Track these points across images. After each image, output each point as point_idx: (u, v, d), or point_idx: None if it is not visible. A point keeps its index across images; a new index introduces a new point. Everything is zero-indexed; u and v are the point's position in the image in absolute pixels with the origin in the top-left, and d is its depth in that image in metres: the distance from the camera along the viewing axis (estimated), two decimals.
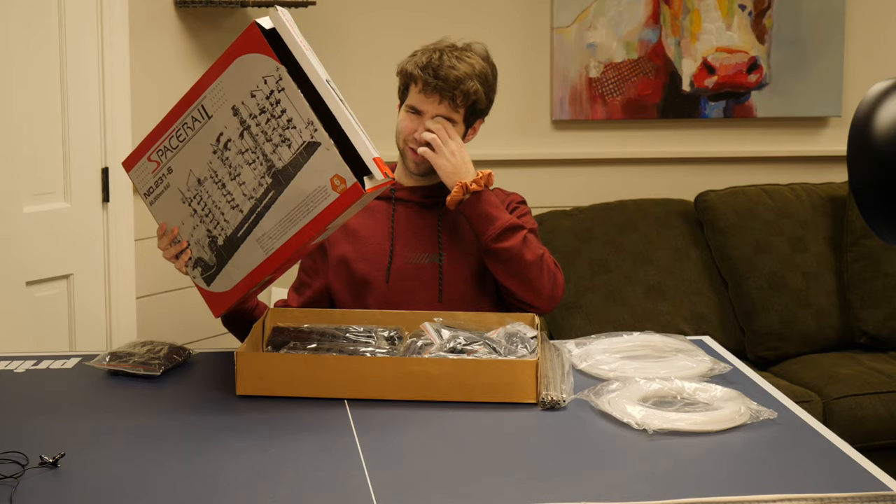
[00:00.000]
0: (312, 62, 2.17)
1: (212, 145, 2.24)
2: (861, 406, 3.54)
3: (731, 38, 4.20)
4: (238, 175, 2.22)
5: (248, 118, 2.19)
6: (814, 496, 1.70)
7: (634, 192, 4.16)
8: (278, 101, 2.15)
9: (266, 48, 2.15)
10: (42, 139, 3.11)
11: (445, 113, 2.60)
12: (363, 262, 2.64)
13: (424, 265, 2.63)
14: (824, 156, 4.29)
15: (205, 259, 2.31)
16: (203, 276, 2.32)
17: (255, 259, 2.25)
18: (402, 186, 2.69)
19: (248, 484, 1.78)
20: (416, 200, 2.67)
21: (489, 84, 2.65)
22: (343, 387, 2.14)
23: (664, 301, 3.87)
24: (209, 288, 2.33)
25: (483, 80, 2.63)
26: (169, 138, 2.28)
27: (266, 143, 2.18)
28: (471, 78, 2.59)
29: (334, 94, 2.16)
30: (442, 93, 2.59)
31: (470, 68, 2.60)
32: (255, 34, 2.16)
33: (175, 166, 2.29)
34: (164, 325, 3.51)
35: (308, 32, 4.04)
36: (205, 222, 2.29)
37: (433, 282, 2.61)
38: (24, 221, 3.07)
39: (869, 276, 3.96)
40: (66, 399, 2.22)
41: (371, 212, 2.68)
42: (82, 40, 3.19)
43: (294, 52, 2.16)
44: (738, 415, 2.00)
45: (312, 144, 2.14)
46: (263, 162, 2.19)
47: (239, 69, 2.18)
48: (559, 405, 2.09)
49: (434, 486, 1.77)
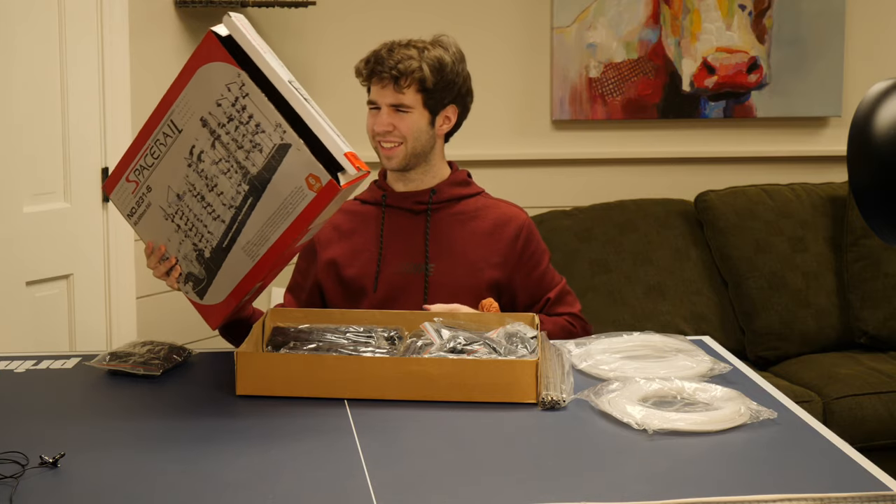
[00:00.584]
0: (272, 64, 2.15)
1: (186, 159, 2.22)
2: (861, 406, 3.54)
3: (731, 38, 4.20)
4: (215, 186, 2.21)
5: (217, 128, 2.18)
6: (814, 496, 1.70)
7: (634, 192, 4.16)
8: (244, 107, 2.14)
9: (225, 55, 2.14)
10: (42, 139, 3.12)
11: (393, 99, 2.57)
12: (352, 268, 2.64)
13: (411, 274, 2.62)
14: (824, 156, 4.29)
15: (195, 273, 2.30)
16: (195, 291, 2.32)
17: (243, 267, 2.24)
18: (393, 192, 2.68)
19: (248, 484, 1.78)
20: (406, 207, 2.65)
21: (444, 67, 2.59)
22: (343, 387, 2.14)
23: (664, 301, 3.87)
24: (202, 301, 2.32)
25: (435, 63, 2.57)
26: (143, 156, 2.27)
27: (238, 150, 2.17)
28: (412, 58, 2.56)
29: (298, 94, 2.14)
30: (383, 77, 2.57)
31: (415, 52, 2.57)
32: (213, 43, 2.15)
33: (153, 184, 2.28)
34: (164, 325, 3.51)
35: (308, 32, 4.06)
36: (189, 236, 2.28)
37: (419, 292, 2.60)
38: (24, 221, 3.07)
39: (869, 276, 3.96)
40: (66, 399, 2.22)
41: (362, 216, 2.67)
42: (82, 40, 3.19)
43: (252, 56, 2.14)
44: (738, 415, 2.00)
45: (283, 146, 2.12)
46: (238, 170, 2.18)
47: (202, 80, 2.17)
48: (559, 405, 2.09)
49: (434, 486, 1.77)
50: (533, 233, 2.68)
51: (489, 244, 2.63)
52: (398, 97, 2.57)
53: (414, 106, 2.58)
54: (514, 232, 2.65)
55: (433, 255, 2.62)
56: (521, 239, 2.65)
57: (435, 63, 2.58)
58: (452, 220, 2.65)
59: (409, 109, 2.58)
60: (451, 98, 2.63)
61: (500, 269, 2.62)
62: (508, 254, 2.63)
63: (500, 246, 2.63)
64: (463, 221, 2.65)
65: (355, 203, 2.72)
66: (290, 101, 2.13)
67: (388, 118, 2.59)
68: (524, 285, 2.65)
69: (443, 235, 2.63)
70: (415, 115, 2.59)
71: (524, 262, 2.65)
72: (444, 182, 2.67)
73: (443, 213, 2.65)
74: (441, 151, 2.68)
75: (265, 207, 2.17)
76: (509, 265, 2.63)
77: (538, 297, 2.66)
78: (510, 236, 2.64)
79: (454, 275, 2.60)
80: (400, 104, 2.58)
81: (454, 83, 2.62)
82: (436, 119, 2.62)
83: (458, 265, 2.61)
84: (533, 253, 2.66)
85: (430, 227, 2.63)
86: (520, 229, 2.66)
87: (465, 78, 2.65)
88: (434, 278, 2.60)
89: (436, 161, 2.66)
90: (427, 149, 2.63)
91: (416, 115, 2.59)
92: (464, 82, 2.64)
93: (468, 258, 2.62)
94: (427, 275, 2.60)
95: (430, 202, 2.64)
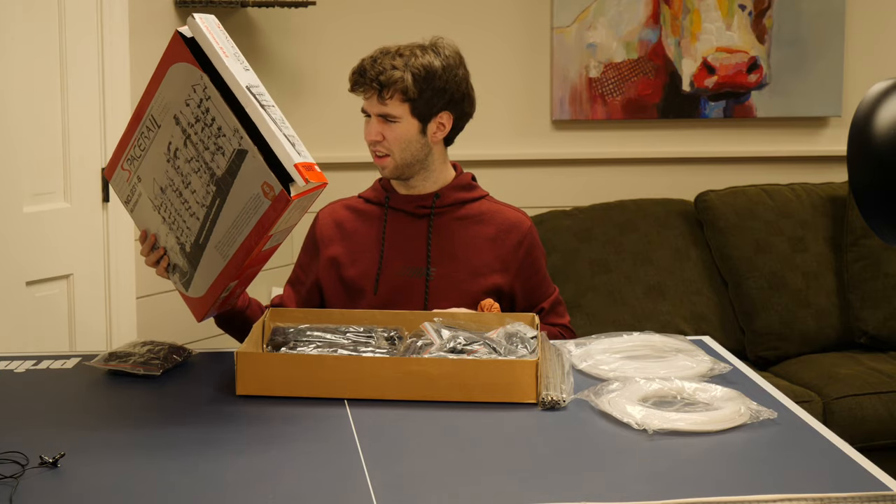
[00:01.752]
0: (232, 69, 2.12)
1: (164, 154, 2.22)
2: (861, 406, 3.54)
3: (731, 38, 4.20)
4: (189, 183, 2.21)
5: (187, 126, 2.17)
6: (814, 496, 1.70)
7: (634, 192, 4.16)
8: (207, 109, 2.13)
9: (189, 57, 2.13)
10: (42, 139, 3.11)
11: (379, 110, 2.56)
12: (353, 268, 2.63)
13: (412, 278, 2.61)
14: (824, 156, 4.29)
15: (180, 265, 2.31)
16: (181, 282, 2.32)
17: (217, 266, 2.23)
18: (396, 194, 2.67)
19: (248, 484, 1.78)
20: (409, 210, 2.65)
21: (433, 74, 2.54)
22: (343, 387, 2.14)
23: (664, 301, 3.87)
24: (188, 293, 2.32)
25: (420, 71, 2.53)
26: (133, 147, 2.28)
27: (205, 151, 2.16)
28: (395, 69, 2.52)
29: (254, 100, 2.11)
30: (367, 88, 2.56)
31: (400, 61, 2.53)
32: (179, 43, 2.14)
33: (142, 175, 2.29)
34: (164, 325, 3.51)
35: (308, 32, 4.06)
36: (173, 230, 2.28)
37: (420, 296, 2.60)
38: (24, 221, 3.07)
39: (869, 276, 3.96)
40: (66, 399, 2.22)
41: (365, 215, 2.67)
42: (82, 40, 3.19)
43: (212, 59, 2.12)
44: (738, 415, 2.00)
45: (241, 152, 2.10)
46: (206, 170, 2.17)
47: (173, 78, 2.17)
48: (559, 405, 2.09)
49: (434, 486, 1.77)
50: (535, 240, 2.68)
51: (492, 250, 2.63)
52: (382, 108, 2.56)
53: (401, 116, 2.56)
54: (517, 238, 2.64)
55: (435, 259, 2.61)
56: (523, 246, 2.65)
57: (420, 71, 2.53)
58: (455, 224, 2.64)
59: (397, 119, 2.56)
60: (443, 105, 2.58)
61: (502, 276, 2.62)
62: (511, 260, 2.63)
63: (502, 252, 2.63)
64: (466, 226, 2.64)
65: (359, 201, 2.71)
66: (246, 106, 2.10)
67: (377, 128, 2.57)
68: (523, 290, 2.65)
69: (445, 240, 2.63)
70: (403, 125, 2.56)
71: (525, 269, 2.64)
72: (447, 186, 2.66)
73: (446, 218, 2.64)
74: (441, 156, 2.65)
75: (230, 210, 2.16)
76: (511, 272, 2.63)
77: (535, 302, 2.66)
78: (513, 243, 2.64)
79: (455, 279, 2.60)
80: (386, 114, 2.56)
81: (444, 90, 2.56)
82: (427, 126, 2.59)
83: (459, 270, 2.61)
84: (534, 260, 2.66)
85: (432, 232, 2.63)
86: (523, 236, 2.65)
87: (459, 83, 2.59)
88: (435, 283, 2.60)
89: (436, 166, 2.64)
90: (421, 156, 2.60)
91: (405, 125, 2.56)
92: (457, 87, 2.59)
93: (470, 263, 2.61)
94: (428, 279, 2.60)
95: (433, 206, 2.63)
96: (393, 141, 2.56)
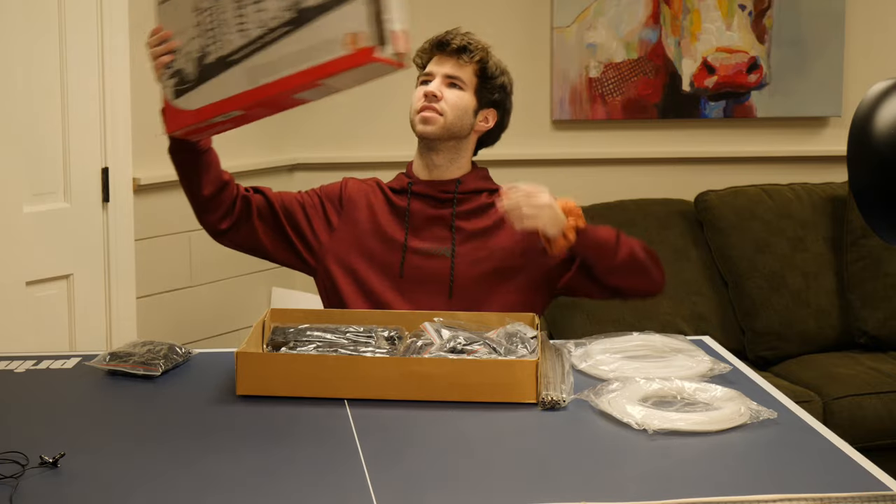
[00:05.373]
0: None
1: None
2: (861, 406, 3.54)
3: (731, 38, 4.20)
4: (262, 1, 2.12)
5: None
6: (814, 496, 1.69)
7: (634, 192, 4.16)
8: None
9: None
10: (42, 139, 3.12)
11: (452, 70, 2.64)
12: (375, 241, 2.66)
13: (435, 256, 2.64)
14: (824, 156, 4.29)
15: (185, 71, 2.24)
16: (175, 88, 2.26)
17: (236, 87, 2.17)
18: (419, 180, 2.71)
19: (248, 484, 1.78)
20: (432, 195, 2.69)
21: (503, 72, 2.70)
22: (343, 387, 2.14)
23: (664, 301, 3.87)
24: (175, 102, 2.26)
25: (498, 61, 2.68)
26: None
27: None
28: (480, 41, 2.66)
29: None
30: (449, 48, 2.64)
31: (481, 39, 2.67)
32: None
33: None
34: (164, 325, 3.51)
35: None
36: (203, 36, 2.21)
37: (445, 278, 2.61)
38: (24, 221, 3.07)
39: (869, 276, 3.96)
40: (66, 399, 2.22)
41: (390, 199, 2.70)
42: (82, 40, 3.19)
43: None
44: (738, 415, 2.00)
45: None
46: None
47: None
48: (559, 405, 2.09)
49: (434, 486, 1.77)
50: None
51: (513, 232, 2.64)
52: (457, 69, 2.64)
53: (468, 84, 2.65)
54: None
55: (459, 241, 2.65)
56: None
57: (497, 60, 2.69)
58: (477, 208, 2.69)
59: (464, 86, 2.64)
60: (496, 101, 2.70)
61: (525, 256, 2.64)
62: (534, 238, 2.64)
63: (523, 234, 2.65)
64: (486, 210, 2.69)
65: (384, 185, 2.75)
66: None
67: (439, 85, 2.64)
68: None
69: (468, 223, 2.67)
70: (466, 95, 2.65)
71: None
72: (468, 174, 2.73)
73: (466, 204, 2.69)
74: (470, 149, 2.74)
75: (295, 42, 2.08)
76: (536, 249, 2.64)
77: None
78: None
79: (478, 258, 2.64)
80: (456, 77, 2.64)
81: (503, 89, 2.71)
82: (479, 112, 2.68)
83: (482, 250, 2.65)
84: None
85: (455, 214, 2.67)
86: None
87: (509, 94, 2.73)
88: (458, 262, 2.63)
89: (464, 152, 2.71)
90: (463, 133, 2.67)
91: (467, 96, 2.65)
92: (508, 97, 2.73)
93: (493, 243, 2.65)
94: (453, 258, 2.62)
95: (455, 191, 2.68)
96: (451, 104, 2.64)
